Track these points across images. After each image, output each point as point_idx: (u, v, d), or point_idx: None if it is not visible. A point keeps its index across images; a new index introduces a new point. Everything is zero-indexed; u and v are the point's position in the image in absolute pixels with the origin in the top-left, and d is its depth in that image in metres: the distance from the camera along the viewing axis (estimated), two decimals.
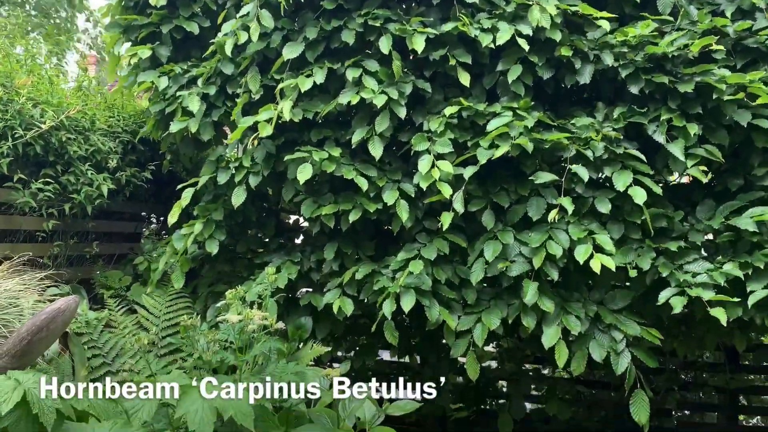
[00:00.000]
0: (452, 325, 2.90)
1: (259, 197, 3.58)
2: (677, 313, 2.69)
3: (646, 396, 2.74)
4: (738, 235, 2.77)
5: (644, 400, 2.73)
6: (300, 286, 3.35)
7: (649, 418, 2.72)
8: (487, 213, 2.98)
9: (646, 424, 2.73)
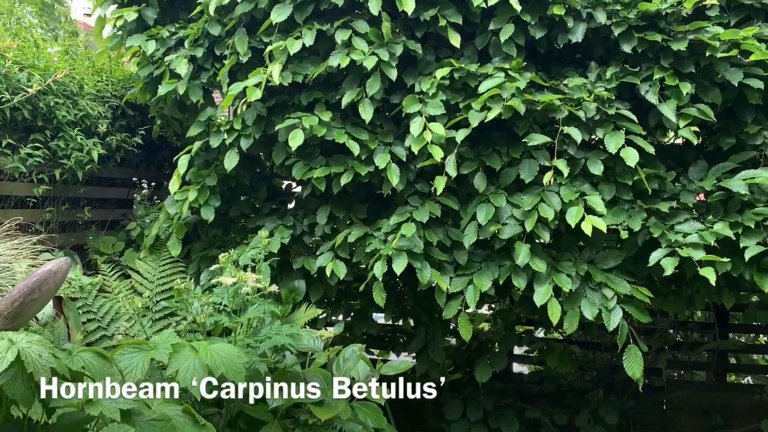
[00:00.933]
0: (443, 287, 2.93)
1: (251, 162, 3.57)
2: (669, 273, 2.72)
3: (640, 351, 2.77)
4: (729, 195, 2.77)
5: (637, 355, 2.77)
6: (293, 250, 3.36)
7: (642, 372, 2.76)
8: (479, 176, 2.98)
9: (640, 378, 2.77)
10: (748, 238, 2.66)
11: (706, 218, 2.79)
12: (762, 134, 2.79)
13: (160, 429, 1.88)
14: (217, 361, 2.26)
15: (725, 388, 4.21)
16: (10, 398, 1.66)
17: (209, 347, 2.30)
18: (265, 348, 2.56)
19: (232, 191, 3.47)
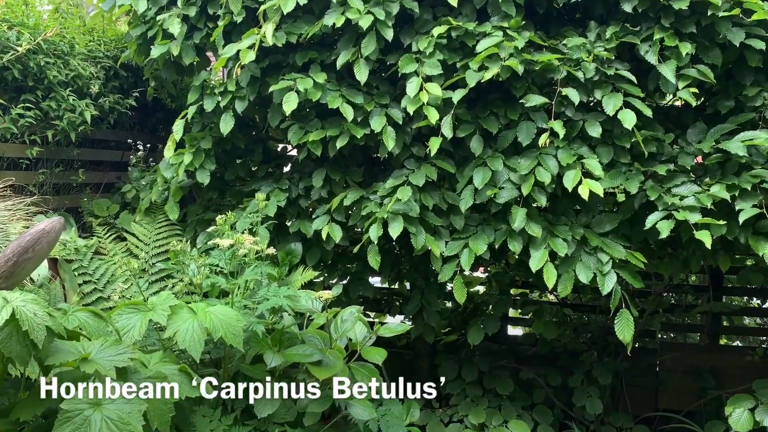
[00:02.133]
0: (437, 252, 2.93)
1: (246, 124, 3.54)
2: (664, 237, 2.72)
3: (631, 315, 2.80)
4: (727, 157, 2.76)
5: (629, 319, 2.79)
6: (289, 214, 3.35)
7: (633, 336, 2.79)
8: (476, 139, 2.95)
9: (629, 342, 2.80)
10: (744, 201, 2.66)
11: (703, 181, 2.78)
12: (762, 96, 2.76)
13: None
14: (215, 323, 2.27)
15: (718, 350, 4.27)
16: (6, 357, 1.67)
17: (208, 309, 2.31)
18: (262, 309, 2.57)
19: (227, 154, 3.44)
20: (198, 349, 2.15)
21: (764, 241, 2.67)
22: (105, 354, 1.84)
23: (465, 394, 3.62)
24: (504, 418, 3.42)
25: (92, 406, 1.71)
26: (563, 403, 3.73)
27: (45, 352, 1.74)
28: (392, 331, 2.91)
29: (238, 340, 2.25)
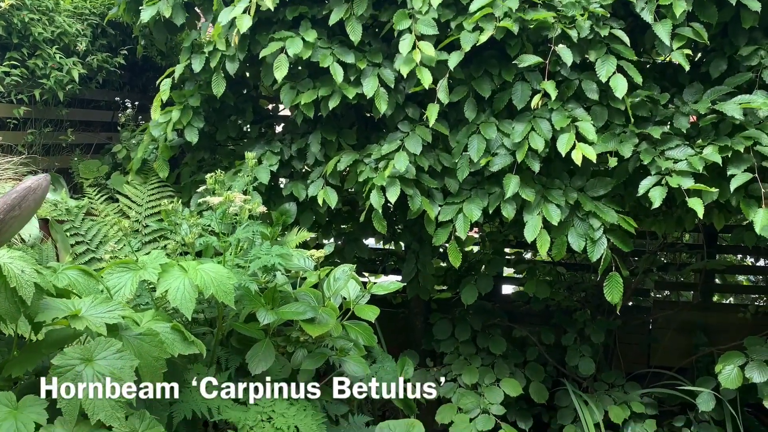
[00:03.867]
0: (432, 216, 2.93)
1: (237, 82, 3.47)
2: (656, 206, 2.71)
3: (620, 277, 2.81)
4: (721, 118, 2.73)
5: (618, 281, 2.81)
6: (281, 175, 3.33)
7: (621, 297, 2.81)
8: (470, 102, 2.92)
9: (618, 302, 2.83)
10: (737, 165, 2.63)
11: (696, 142, 2.75)
12: (758, 54, 2.72)
13: (148, 344, 1.90)
14: (206, 281, 2.26)
15: (710, 307, 4.30)
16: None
17: (199, 267, 2.31)
18: (255, 268, 2.56)
19: (217, 112, 3.40)
20: (189, 306, 2.15)
21: (756, 205, 2.66)
22: (95, 311, 1.83)
23: (458, 353, 3.66)
24: (497, 377, 3.47)
25: (83, 362, 1.71)
26: (556, 360, 3.77)
27: (34, 309, 1.73)
28: (385, 289, 2.92)
29: (230, 297, 2.24)
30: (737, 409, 3.29)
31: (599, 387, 3.63)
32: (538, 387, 3.52)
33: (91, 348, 1.75)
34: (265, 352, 2.57)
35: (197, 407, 2.34)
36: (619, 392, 3.56)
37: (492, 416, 3.27)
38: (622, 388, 3.61)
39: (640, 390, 3.56)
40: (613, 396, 3.52)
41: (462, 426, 3.22)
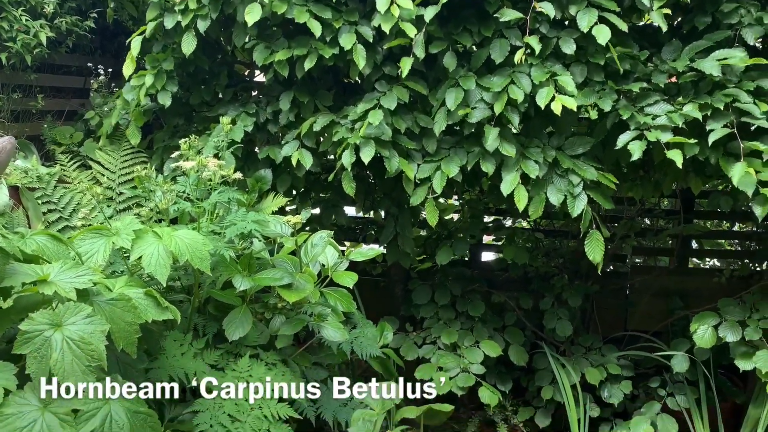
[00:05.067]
0: (410, 175, 2.90)
1: (211, 46, 3.40)
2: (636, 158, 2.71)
3: (601, 236, 2.81)
4: (701, 76, 2.72)
5: (599, 240, 2.81)
6: (258, 140, 3.28)
7: (603, 256, 2.81)
8: (449, 55, 2.87)
9: (600, 261, 2.83)
10: (716, 121, 2.64)
11: (676, 100, 2.74)
12: (738, 12, 2.70)
13: (120, 309, 1.87)
14: (181, 247, 2.23)
15: (686, 272, 4.35)
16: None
17: (173, 233, 2.27)
18: (231, 235, 2.53)
19: (191, 77, 3.32)
20: (164, 272, 2.12)
21: (734, 161, 2.67)
22: (65, 276, 1.80)
23: (438, 317, 3.67)
24: (476, 339, 3.49)
25: (52, 327, 1.68)
26: (534, 325, 3.81)
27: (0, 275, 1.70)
28: (364, 255, 2.91)
29: (205, 263, 2.22)
30: (710, 370, 3.35)
31: (576, 350, 3.67)
32: (517, 350, 3.55)
33: (60, 313, 1.72)
34: (243, 318, 2.56)
35: (174, 372, 2.33)
36: (596, 355, 3.61)
37: (472, 375, 3.30)
38: (599, 351, 3.66)
39: (616, 353, 3.61)
40: (590, 359, 3.57)
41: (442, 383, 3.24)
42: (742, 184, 2.58)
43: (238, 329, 2.52)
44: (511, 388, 3.60)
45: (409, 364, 3.50)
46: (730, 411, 3.55)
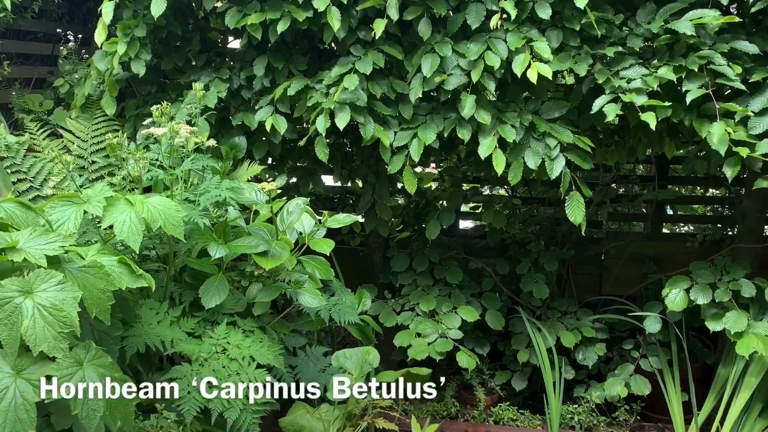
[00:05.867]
0: (386, 143, 2.89)
1: (183, 12, 3.32)
2: (612, 123, 2.72)
3: (582, 197, 2.83)
4: (675, 39, 2.72)
5: (579, 200, 2.84)
6: (233, 107, 3.23)
7: (584, 217, 2.84)
8: (424, 21, 2.84)
9: (582, 222, 2.85)
10: (691, 82, 2.65)
11: (651, 63, 2.75)
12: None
13: (93, 276, 1.85)
14: (154, 213, 2.21)
15: (660, 237, 4.41)
16: None
17: (146, 200, 2.25)
18: (205, 202, 2.51)
19: (164, 43, 3.25)
20: (137, 239, 2.10)
21: (708, 123, 2.69)
22: (35, 243, 1.78)
23: (416, 285, 3.69)
24: (453, 305, 3.52)
25: (23, 294, 1.66)
26: (511, 290, 3.85)
27: None
28: (340, 222, 2.91)
29: (179, 230, 2.20)
30: (682, 332, 3.42)
31: (552, 314, 3.72)
32: (494, 315, 3.59)
33: (31, 280, 1.70)
34: (219, 286, 2.56)
35: (150, 340, 2.33)
36: (571, 319, 3.66)
37: (450, 340, 3.33)
38: (575, 315, 3.71)
39: (591, 316, 3.66)
40: (565, 322, 3.62)
41: (420, 348, 3.27)
42: (718, 144, 2.61)
43: (215, 297, 2.52)
44: (489, 353, 3.65)
45: (388, 331, 3.53)
46: (701, 371, 3.64)
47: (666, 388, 3.39)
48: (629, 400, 3.51)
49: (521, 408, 3.56)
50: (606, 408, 3.54)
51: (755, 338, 3.00)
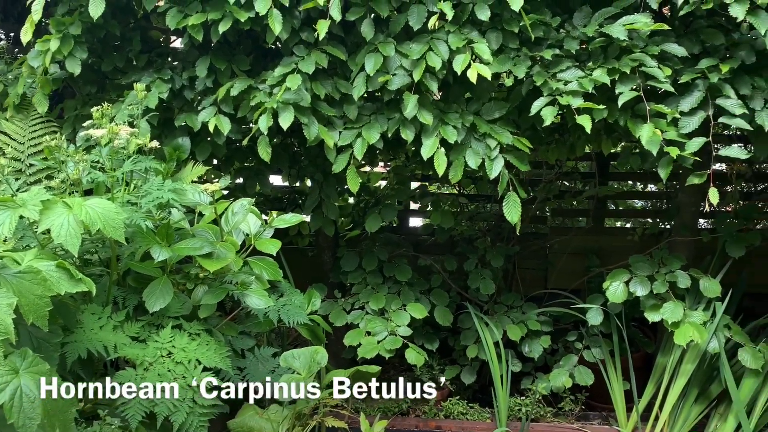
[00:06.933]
0: (330, 143, 2.91)
1: (123, 10, 3.26)
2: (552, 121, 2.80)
3: (518, 197, 2.91)
4: (609, 41, 2.82)
5: (516, 201, 2.90)
6: (176, 108, 3.19)
7: (520, 216, 2.91)
8: (367, 22, 2.87)
9: (517, 222, 2.92)
10: (624, 84, 2.75)
11: (587, 65, 2.84)
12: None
13: (29, 282, 1.81)
14: (93, 216, 2.17)
15: (602, 231, 4.56)
16: None
17: (84, 203, 2.21)
18: (147, 204, 2.48)
19: (102, 43, 3.19)
20: (75, 243, 2.06)
21: (641, 123, 2.79)
22: None
23: (366, 283, 3.71)
24: (403, 303, 3.56)
25: None
26: (459, 286, 3.91)
27: None
28: (287, 222, 2.91)
29: (119, 232, 2.17)
30: (623, 323, 3.54)
31: (499, 309, 3.80)
32: (443, 311, 3.65)
33: None
34: (163, 289, 2.53)
35: (92, 346, 2.29)
36: (517, 313, 3.75)
37: (399, 337, 3.37)
38: (521, 308, 3.80)
39: (536, 310, 3.76)
40: (512, 316, 3.71)
41: (370, 347, 3.30)
42: (649, 144, 2.72)
43: (159, 300, 2.49)
44: (439, 348, 3.70)
45: (339, 330, 3.55)
46: (642, 360, 3.78)
47: (608, 378, 3.50)
48: (574, 390, 3.62)
49: (471, 402, 3.63)
50: (552, 399, 3.65)
51: (691, 327, 3.13)
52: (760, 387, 3.18)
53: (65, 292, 1.99)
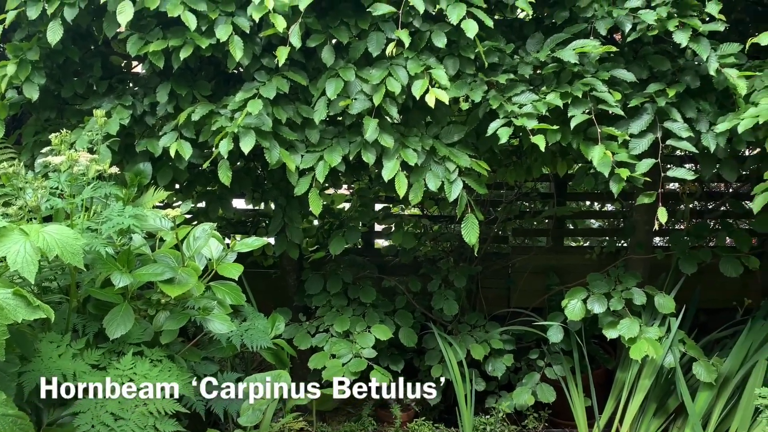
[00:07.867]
0: (292, 167, 2.94)
1: (83, 36, 3.26)
2: (508, 144, 2.88)
3: (476, 219, 2.97)
4: (562, 67, 2.93)
5: (473, 222, 2.97)
6: (137, 133, 3.19)
7: (478, 238, 2.97)
8: (327, 49, 2.93)
9: (475, 243, 2.98)
10: (576, 108, 2.85)
11: (540, 89, 2.94)
12: (592, 6, 2.92)
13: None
14: (50, 242, 2.15)
15: (561, 250, 4.66)
16: None
17: (42, 230, 2.18)
18: (108, 230, 2.46)
19: (61, 68, 3.18)
20: (32, 270, 2.04)
21: (593, 145, 2.89)
22: None
23: (330, 305, 3.73)
24: (368, 324, 3.58)
25: None
26: (424, 307, 3.95)
27: None
28: (249, 246, 2.91)
29: (78, 258, 2.15)
30: (583, 340, 3.61)
31: (463, 328, 3.85)
32: (408, 332, 3.68)
33: None
34: (124, 315, 2.50)
35: (50, 374, 2.25)
36: (480, 332, 3.80)
37: (364, 359, 3.38)
38: (484, 328, 3.85)
39: (499, 329, 3.81)
40: (475, 336, 3.76)
41: (335, 370, 3.30)
42: (600, 166, 2.81)
43: (120, 327, 2.46)
44: (404, 369, 3.72)
45: (304, 354, 3.54)
46: (603, 376, 3.86)
47: (570, 395, 3.57)
48: (537, 408, 3.68)
49: (437, 422, 3.65)
50: (516, 417, 3.69)
51: (646, 343, 3.22)
52: (715, 399, 3.29)
53: (22, 319, 1.96)
